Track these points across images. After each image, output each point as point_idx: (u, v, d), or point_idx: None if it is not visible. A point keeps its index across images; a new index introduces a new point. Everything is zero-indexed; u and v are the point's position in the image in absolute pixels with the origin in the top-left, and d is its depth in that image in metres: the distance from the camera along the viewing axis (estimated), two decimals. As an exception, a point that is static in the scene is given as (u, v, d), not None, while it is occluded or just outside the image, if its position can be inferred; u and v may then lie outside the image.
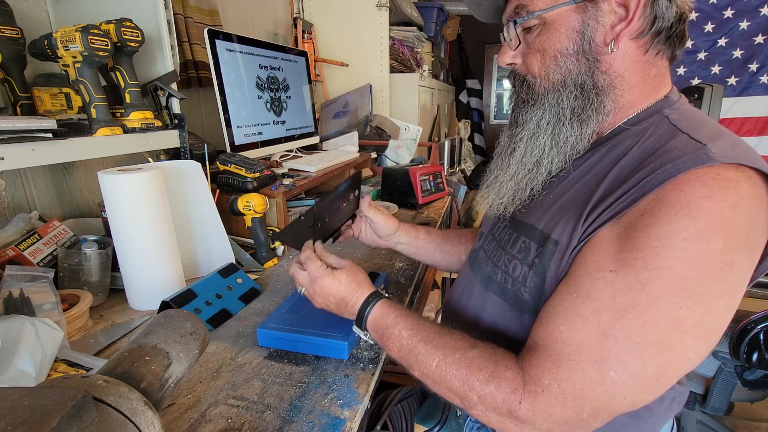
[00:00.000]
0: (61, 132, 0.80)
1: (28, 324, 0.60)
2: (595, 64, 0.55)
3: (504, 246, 0.64)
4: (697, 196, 0.44)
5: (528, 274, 0.57)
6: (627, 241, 0.47)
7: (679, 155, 0.47)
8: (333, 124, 2.09)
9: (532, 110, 0.61)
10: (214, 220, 0.96)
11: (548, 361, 0.48)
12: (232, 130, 1.23)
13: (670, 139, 0.51)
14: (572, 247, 0.52)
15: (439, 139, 3.07)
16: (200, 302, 0.79)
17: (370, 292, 0.66)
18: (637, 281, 0.45)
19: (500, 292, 0.62)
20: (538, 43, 0.58)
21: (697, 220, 0.43)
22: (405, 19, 2.40)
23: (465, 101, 4.65)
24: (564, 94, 0.57)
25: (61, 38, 0.83)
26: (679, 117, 0.54)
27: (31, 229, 0.88)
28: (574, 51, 0.55)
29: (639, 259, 0.45)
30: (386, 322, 0.61)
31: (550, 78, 0.58)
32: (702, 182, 0.44)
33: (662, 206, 0.45)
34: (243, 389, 0.61)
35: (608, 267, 0.47)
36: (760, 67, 3.10)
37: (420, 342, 0.57)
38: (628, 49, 0.55)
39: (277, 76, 1.49)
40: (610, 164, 0.54)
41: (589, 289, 0.48)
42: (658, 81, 0.57)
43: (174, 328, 0.47)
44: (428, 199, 1.61)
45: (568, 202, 0.56)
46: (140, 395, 0.38)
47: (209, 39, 1.15)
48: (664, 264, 0.44)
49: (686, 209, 0.44)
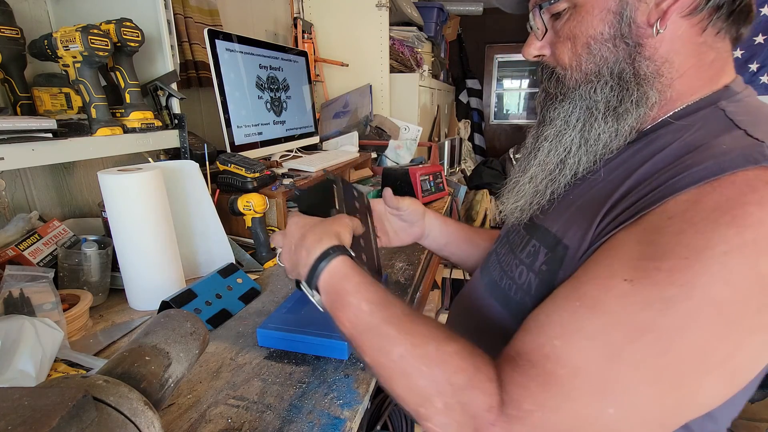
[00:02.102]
0: (61, 132, 0.80)
1: (28, 324, 0.60)
2: (636, 48, 0.47)
3: (515, 250, 0.57)
4: (745, 201, 0.35)
5: (533, 282, 0.50)
6: (649, 246, 0.38)
7: (726, 151, 0.39)
8: (333, 124, 2.09)
9: (560, 106, 0.53)
10: (213, 220, 0.96)
11: (534, 382, 0.38)
12: (232, 130, 1.23)
13: (721, 135, 0.42)
14: (582, 251, 0.45)
15: (439, 139, 3.07)
16: (200, 302, 0.79)
17: (335, 243, 0.53)
18: (659, 298, 0.36)
19: (503, 300, 0.55)
20: (568, 29, 0.50)
21: (743, 231, 0.34)
22: (405, 19, 2.40)
23: (465, 101, 4.65)
24: (598, 86, 0.49)
25: (61, 38, 0.83)
26: (738, 110, 0.45)
27: (31, 229, 0.88)
28: (610, 35, 0.47)
29: (663, 270, 0.36)
30: (345, 286, 0.50)
31: (583, 68, 0.50)
32: (752, 186, 0.36)
33: (698, 210, 0.37)
34: (243, 389, 0.61)
35: (623, 275, 0.38)
36: (760, 67, 3.10)
37: (383, 322, 0.46)
38: (679, 29, 0.45)
39: (277, 76, 1.49)
40: (641, 161, 0.46)
41: (597, 298, 0.39)
42: (716, 68, 0.48)
43: (174, 328, 0.47)
44: (428, 199, 1.61)
45: (587, 203, 0.49)
46: (140, 395, 0.38)
47: (209, 39, 1.15)
48: (696, 281, 0.35)
49: (729, 216, 0.35)
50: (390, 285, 0.94)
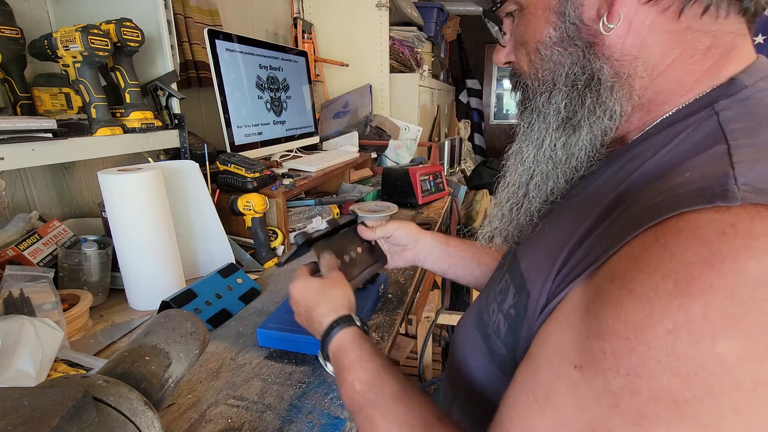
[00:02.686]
0: (61, 132, 0.80)
1: (28, 324, 0.60)
2: (589, 49, 0.40)
3: (494, 282, 0.52)
4: (690, 261, 0.27)
5: (502, 325, 0.45)
6: (594, 319, 0.31)
7: (681, 184, 0.31)
8: (333, 124, 2.10)
9: (523, 119, 0.48)
10: (213, 220, 0.96)
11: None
12: (232, 130, 1.23)
13: (702, 152, 0.33)
14: (541, 304, 0.39)
15: (439, 139, 3.07)
16: (200, 302, 0.79)
17: (339, 315, 0.53)
18: (606, 391, 0.29)
19: (484, 335, 0.49)
20: (519, 34, 0.45)
21: (690, 302, 0.26)
22: (405, 19, 2.40)
23: (465, 101, 4.65)
24: (553, 95, 0.44)
25: (61, 38, 0.83)
26: (737, 114, 0.35)
27: (31, 229, 0.88)
28: (558, 38, 0.41)
29: (608, 354, 0.29)
30: (343, 362, 0.49)
31: (539, 76, 0.45)
32: (700, 237, 0.27)
33: (636, 272, 0.29)
34: (243, 389, 0.61)
35: (573, 359, 0.32)
36: (760, 67, 3.09)
37: (369, 404, 0.44)
38: (645, 18, 0.37)
39: (277, 76, 1.49)
40: (615, 185, 0.38)
41: (548, 391, 0.33)
42: (717, 55, 0.38)
43: (174, 328, 0.47)
44: (428, 199, 1.61)
45: (552, 240, 0.42)
46: (140, 395, 0.38)
47: (209, 39, 1.15)
48: (641, 370, 0.27)
49: (671, 282, 0.27)
50: (390, 285, 0.94)
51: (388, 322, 0.80)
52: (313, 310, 0.56)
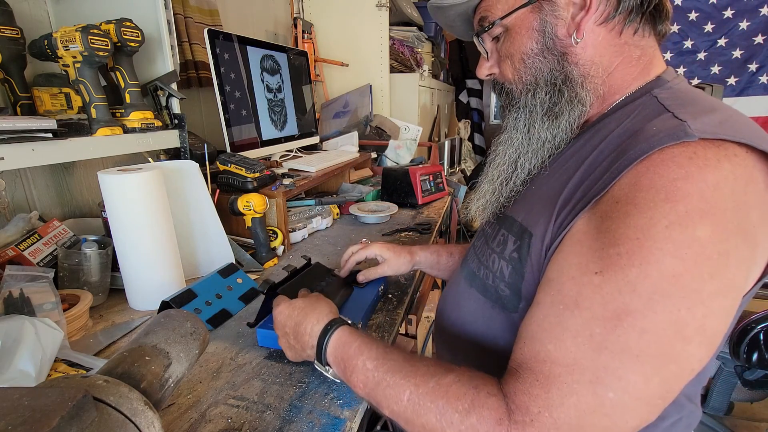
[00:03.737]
0: (61, 132, 0.80)
1: (28, 324, 0.60)
2: (563, 58, 0.55)
3: (488, 240, 0.62)
4: (673, 177, 0.40)
5: (506, 269, 0.55)
6: (607, 234, 0.42)
7: (655, 133, 0.43)
8: (333, 124, 2.10)
9: (510, 114, 0.62)
10: (213, 220, 0.96)
11: (536, 386, 0.42)
12: (232, 130, 1.23)
13: (654, 118, 0.47)
14: (547, 242, 0.49)
15: (439, 139, 3.07)
16: (200, 302, 0.79)
17: (330, 319, 0.60)
18: (625, 282, 0.40)
19: (482, 288, 0.60)
20: (505, 49, 0.59)
21: (676, 205, 0.39)
22: (405, 19, 2.40)
23: (465, 101, 4.65)
24: (536, 92, 0.57)
25: (61, 38, 0.83)
26: (669, 96, 0.50)
27: (31, 229, 0.88)
28: (539, 50, 0.55)
29: (623, 255, 0.40)
30: (348, 352, 0.55)
31: (523, 80, 0.58)
32: (677, 162, 0.40)
33: (637, 191, 0.41)
34: (243, 389, 0.61)
35: (593, 268, 0.42)
36: (760, 67, 3.10)
37: (387, 372, 0.50)
38: (599, 36, 0.53)
39: (277, 76, 1.49)
40: (591, 150, 0.51)
41: (576, 297, 0.42)
42: (645, 61, 0.55)
43: (174, 328, 0.47)
44: (428, 199, 1.61)
45: (545, 194, 0.54)
46: (140, 395, 0.38)
47: (209, 39, 1.15)
48: (650, 258, 0.39)
49: (663, 193, 0.39)
50: (390, 285, 0.94)
51: (388, 322, 0.80)
52: (300, 325, 0.61)
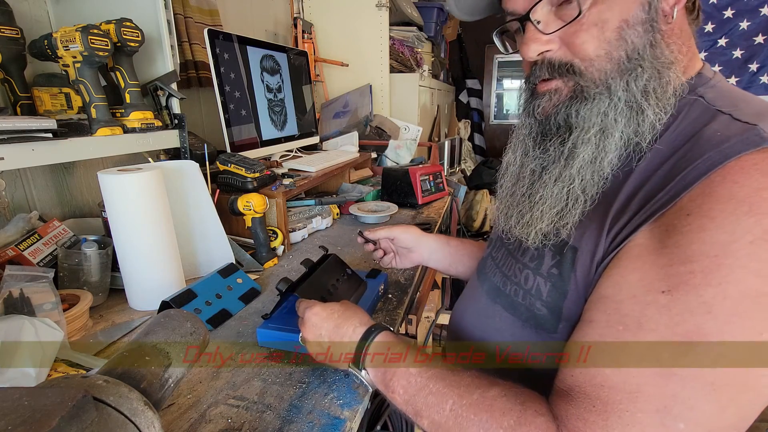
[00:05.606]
0: (61, 132, 0.80)
1: (28, 324, 0.60)
2: (660, 34, 0.45)
3: (514, 253, 0.56)
4: (758, 187, 0.35)
5: (543, 286, 0.50)
6: (675, 250, 0.38)
7: (723, 139, 0.39)
8: (333, 124, 2.10)
9: (594, 105, 0.47)
10: (213, 220, 0.96)
11: (593, 412, 0.38)
12: (232, 130, 1.23)
13: (709, 122, 0.42)
14: (599, 257, 0.44)
15: (439, 139, 3.07)
16: (200, 302, 0.79)
17: (373, 323, 0.58)
18: (700, 303, 0.35)
19: (509, 305, 0.55)
20: (595, 14, 0.44)
21: (762, 218, 0.34)
22: (405, 19, 2.40)
23: (465, 101, 4.65)
24: (634, 74, 0.45)
25: (61, 38, 0.83)
26: (715, 96, 0.45)
27: (31, 229, 0.88)
28: (643, 19, 0.44)
29: (697, 273, 0.36)
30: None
31: (614, 56, 0.45)
32: (760, 170, 0.36)
33: (713, 203, 0.37)
34: (243, 389, 0.61)
35: (659, 287, 0.38)
36: (760, 67, 3.10)
37: (431, 379, 0.48)
38: (680, 18, 0.46)
39: (277, 76, 1.49)
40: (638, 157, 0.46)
41: (639, 317, 0.38)
42: (690, 55, 0.49)
43: (174, 328, 0.47)
44: (428, 199, 1.61)
45: (590, 206, 0.47)
46: (140, 395, 0.38)
47: (209, 39, 1.14)
48: (730, 277, 0.35)
49: (746, 205, 0.35)
50: (390, 285, 0.94)
51: (388, 322, 0.80)
52: (341, 327, 0.58)
